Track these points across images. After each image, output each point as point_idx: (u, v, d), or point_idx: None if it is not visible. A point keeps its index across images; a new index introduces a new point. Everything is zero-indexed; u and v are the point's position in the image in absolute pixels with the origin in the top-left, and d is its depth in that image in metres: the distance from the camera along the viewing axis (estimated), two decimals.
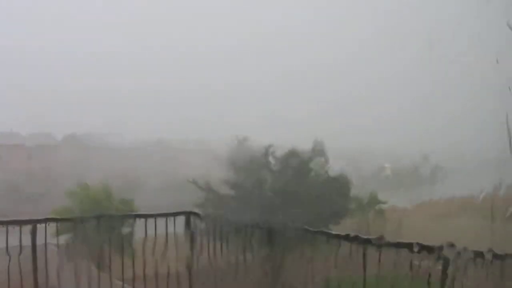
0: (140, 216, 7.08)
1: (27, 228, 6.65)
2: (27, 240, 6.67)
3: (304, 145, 36.76)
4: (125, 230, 7.11)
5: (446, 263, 4.47)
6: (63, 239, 8.09)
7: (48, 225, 6.83)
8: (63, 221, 7.45)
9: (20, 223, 6.62)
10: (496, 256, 4.48)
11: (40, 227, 6.71)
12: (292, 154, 35.07)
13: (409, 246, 4.73)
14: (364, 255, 5.01)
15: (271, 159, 35.41)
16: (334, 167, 35.28)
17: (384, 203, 46.49)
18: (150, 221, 6.89)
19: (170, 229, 6.94)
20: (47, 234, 6.88)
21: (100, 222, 7.11)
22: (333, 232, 5.42)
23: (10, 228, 6.57)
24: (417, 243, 4.68)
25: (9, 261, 6.50)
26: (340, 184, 34.58)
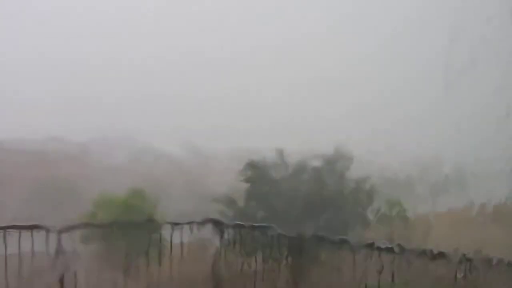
0: (168, 223, 7.15)
1: (53, 234, 6.72)
2: (54, 245, 6.74)
3: (327, 151, 36.58)
4: (152, 237, 7.18)
5: (469, 270, 4.52)
6: (90, 245, 8.21)
7: (80, 232, 6.92)
8: (90, 227, 7.54)
9: (46, 228, 6.70)
10: None
11: (67, 233, 6.79)
12: (316, 160, 34.86)
13: (432, 253, 4.79)
14: (392, 262, 5.06)
15: (296, 166, 35.22)
16: (357, 173, 35.11)
17: (407, 210, 46.20)
18: (178, 228, 6.96)
19: (198, 236, 7.01)
20: (74, 240, 6.96)
21: (127, 229, 7.20)
22: (358, 241, 5.49)
23: (35, 233, 6.64)
24: (440, 251, 4.73)
25: (35, 265, 6.59)
26: (363, 191, 34.30)
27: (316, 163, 34.72)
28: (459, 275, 4.67)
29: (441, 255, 4.79)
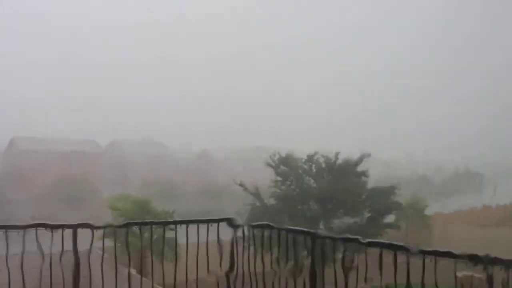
0: (181, 222, 7.10)
1: (70, 232, 6.74)
2: (70, 245, 6.75)
3: (346, 152, 36.82)
4: (167, 236, 7.14)
5: (491, 274, 4.39)
6: (106, 244, 8.17)
7: (96, 231, 6.92)
8: (106, 227, 7.52)
9: (64, 227, 6.70)
10: None
11: (84, 232, 6.79)
12: (335, 161, 35.05)
13: (452, 254, 4.66)
14: (408, 263, 4.96)
15: (313, 166, 35.39)
16: (375, 174, 35.22)
17: (426, 206, 46.60)
18: (192, 227, 6.92)
19: (212, 235, 6.97)
20: (89, 239, 6.97)
21: (142, 228, 7.16)
22: (376, 240, 5.37)
23: (54, 232, 6.65)
24: (461, 252, 4.61)
25: (52, 265, 6.58)
26: (383, 192, 34.41)
27: (337, 164, 34.83)
28: (483, 278, 4.52)
29: (466, 256, 4.63)
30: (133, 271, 7.68)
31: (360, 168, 35.13)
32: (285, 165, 35.01)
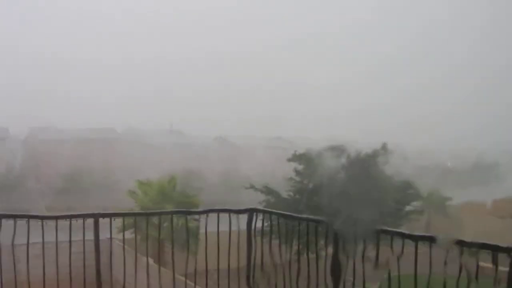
0: (202, 212, 7.08)
1: (91, 222, 6.74)
2: (90, 234, 6.76)
3: (363, 141, 36.52)
4: (188, 225, 7.11)
5: None
6: (126, 233, 8.17)
7: (114, 220, 6.92)
8: (126, 216, 7.51)
9: (84, 216, 6.70)
10: None
11: (104, 221, 6.79)
12: (357, 152, 34.73)
13: (474, 245, 4.62)
14: (430, 254, 4.94)
15: (334, 156, 35.02)
16: (394, 164, 34.88)
17: (449, 199, 46.09)
18: (213, 216, 6.90)
19: (233, 225, 6.96)
20: (111, 229, 6.97)
21: (162, 217, 7.15)
22: (397, 230, 5.34)
23: (73, 221, 6.66)
24: (483, 243, 4.57)
25: (72, 254, 6.59)
26: (405, 183, 34.20)
27: (358, 155, 34.70)
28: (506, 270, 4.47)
29: (488, 247, 4.58)
30: (151, 261, 7.70)
31: (382, 164, 34.95)
32: (304, 160, 34.89)
